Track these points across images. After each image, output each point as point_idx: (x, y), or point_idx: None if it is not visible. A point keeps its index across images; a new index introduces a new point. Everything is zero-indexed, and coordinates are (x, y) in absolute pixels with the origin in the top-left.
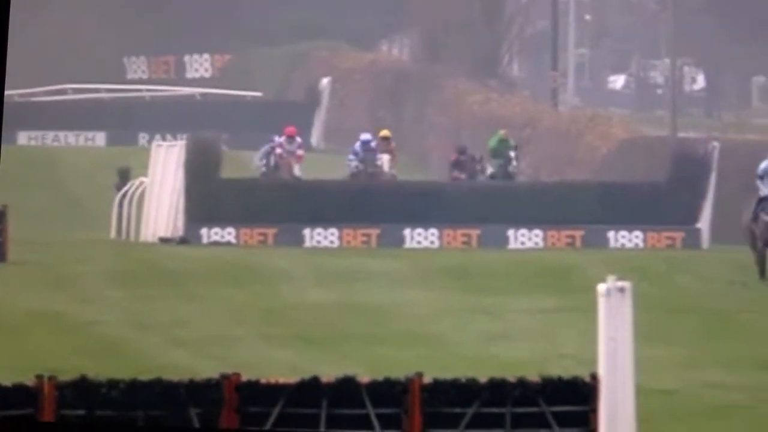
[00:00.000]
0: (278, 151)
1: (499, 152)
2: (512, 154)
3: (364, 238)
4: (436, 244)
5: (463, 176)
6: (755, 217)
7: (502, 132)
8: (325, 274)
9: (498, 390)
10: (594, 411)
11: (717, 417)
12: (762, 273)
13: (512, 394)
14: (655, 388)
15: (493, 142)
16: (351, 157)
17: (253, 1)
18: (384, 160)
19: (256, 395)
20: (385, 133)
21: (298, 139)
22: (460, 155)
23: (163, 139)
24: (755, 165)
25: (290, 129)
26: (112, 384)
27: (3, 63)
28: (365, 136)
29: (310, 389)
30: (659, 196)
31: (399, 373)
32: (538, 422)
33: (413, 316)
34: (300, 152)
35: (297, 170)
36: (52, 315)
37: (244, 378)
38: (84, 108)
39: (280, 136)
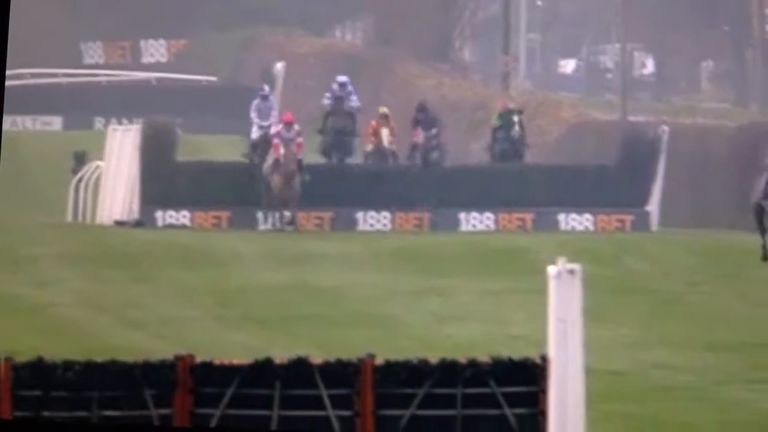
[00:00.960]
0: (275, 141)
1: (504, 125)
2: (516, 130)
3: (318, 221)
4: (388, 227)
5: (421, 137)
6: (766, 195)
7: (501, 106)
8: (279, 257)
9: (449, 371)
10: (544, 392)
11: (666, 398)
12: (765, 255)
13: (463, 375)
14: (604, 369)
15: (495, 119)
16: (327, 94)
17: None
18: (384, 134)
19: (209, 376)
20: (383, 110)
21: (296, 126)
22: (418, 113)
23: (119, 123)
24: (704, 148)
25: (287, 116)
26: (68, 365)
27: (3, 62)
28: (342, 78)
29: (263, 370)
30: (609, 180)
31: (351, 354)
32: (488, 403)
33: (366, 298)
34: (300, 140)
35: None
36: (8, 297)
37: (198, 359)
38: (41, 92)
39: (262, 89)
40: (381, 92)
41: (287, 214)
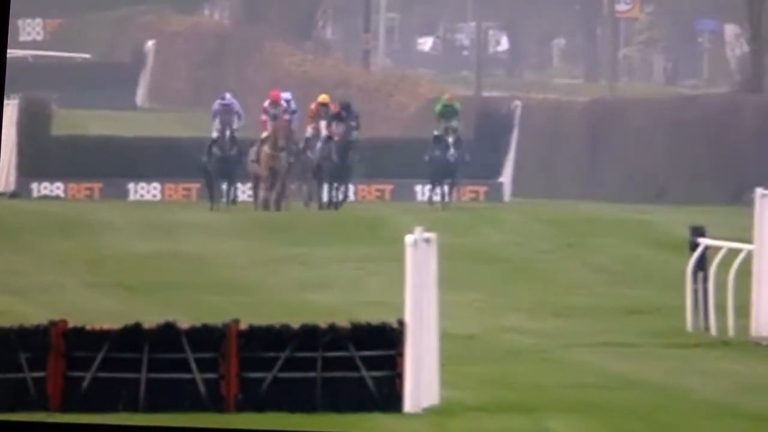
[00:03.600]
0: (263, 117)
1: (446, 115)
2: (453, 133)
3: (185, 192)
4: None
5: (337, 133)
6: None
7: (446, 96)
8: (148, 226)
9: (310, 335)
10: (401, 355)
11: (514, 360)
12: None
13: (323, 339)
14: (457, 333)
15: (438, 107)
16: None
17: None
18: (321, 126)
19: (81, 341)
20: (324, 98)
21: (284, 103)
22: (342, 110)
23: None
24: (555, 122)
25: (274, 93)
26: None
27: (3, 63)
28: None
29: (132, 335)
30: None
31: (217, 319)
32: (347, 366)
33: (231, 265)
34: (286, 117)
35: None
36: None
37: (71, 324)
38: None
39: (224, 97)
40: (247, 70)
41: (275, 190)
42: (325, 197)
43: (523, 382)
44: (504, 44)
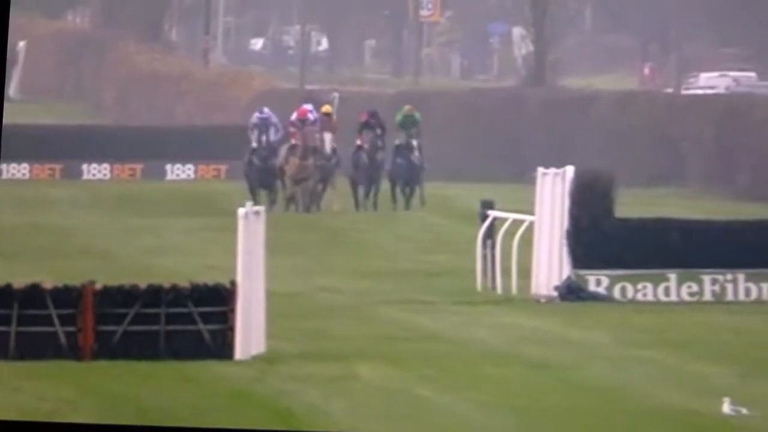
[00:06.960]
0: (291, 130)
1: (406, 125)
2: (414, 141)
3: (50, 172)
4: (108, 176)
5: (366, 141)
6: None
7: (407, 107)
8: (17, 201)
9: (155, 294)
10: (233, 311)
11: (330, 316)
12: None
13: (166, 297)
14: (281, 292)
15: (399, 117)
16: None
17: None
18: (326, 138)
19: None
20: (326, 109)
21: (311, 117)
22: (370, 118)
23: None
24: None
25: (302, 110)
26: None
27: (3, 63)
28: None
29: (3, 294)
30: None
31: (76, 281)
32: (187, 320)
33: (88, 234)
34: (312, 128)
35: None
36: None
37: None
38: None
39: (261, 111)
40: (103, 67)
41: (299, 194)
42: (360, 199)
43: (337, 334)
44: (324, 44)
